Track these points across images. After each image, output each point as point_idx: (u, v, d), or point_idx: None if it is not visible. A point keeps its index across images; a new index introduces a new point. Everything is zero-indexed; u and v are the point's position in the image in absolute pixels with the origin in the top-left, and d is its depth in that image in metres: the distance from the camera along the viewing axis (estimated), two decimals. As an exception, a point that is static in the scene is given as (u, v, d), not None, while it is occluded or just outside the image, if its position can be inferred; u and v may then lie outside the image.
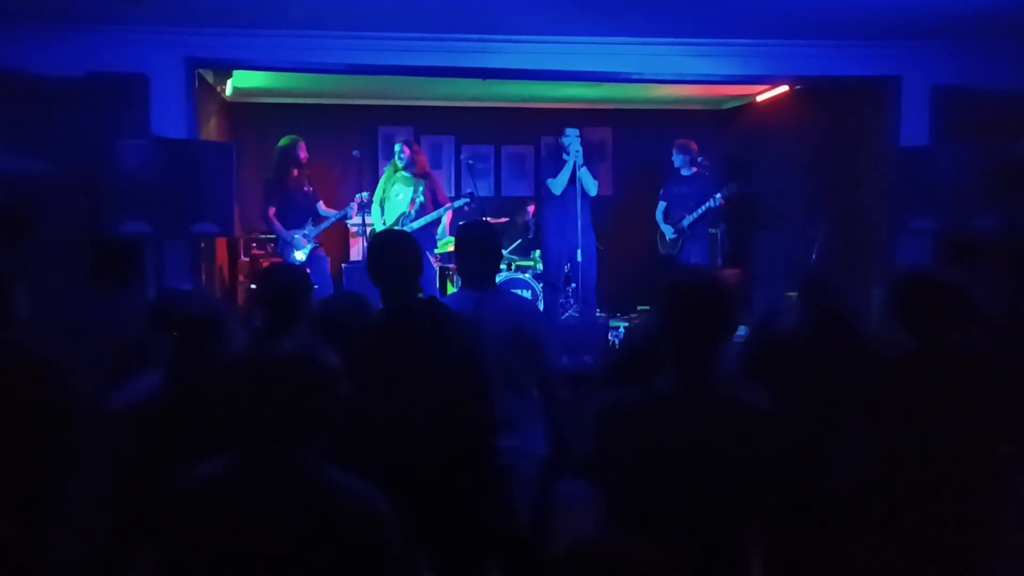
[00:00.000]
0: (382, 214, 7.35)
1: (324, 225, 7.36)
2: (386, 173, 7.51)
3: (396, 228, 7.07)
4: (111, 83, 5.62)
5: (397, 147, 7.45)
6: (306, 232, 7.24)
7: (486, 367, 3.16)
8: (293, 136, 7.37)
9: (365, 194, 7.38)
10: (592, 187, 7.15)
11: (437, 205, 7.33)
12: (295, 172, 7.31)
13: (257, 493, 1.95)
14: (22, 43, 5.49)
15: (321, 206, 7.47)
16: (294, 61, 6.05)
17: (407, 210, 7.30)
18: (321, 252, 7.42)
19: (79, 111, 5.52)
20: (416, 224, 7.15)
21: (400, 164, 7.34)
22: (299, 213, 7.28)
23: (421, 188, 7.33)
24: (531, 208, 8.53)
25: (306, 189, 7.37)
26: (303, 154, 7.31)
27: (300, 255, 7.25)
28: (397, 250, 3.22)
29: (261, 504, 1.94)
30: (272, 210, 7.25)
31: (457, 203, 7.39)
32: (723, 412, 2.32)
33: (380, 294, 3.23)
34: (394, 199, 7.35)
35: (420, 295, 3.27)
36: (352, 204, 7.34)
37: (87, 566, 2.95)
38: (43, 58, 5.52)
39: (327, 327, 2.95)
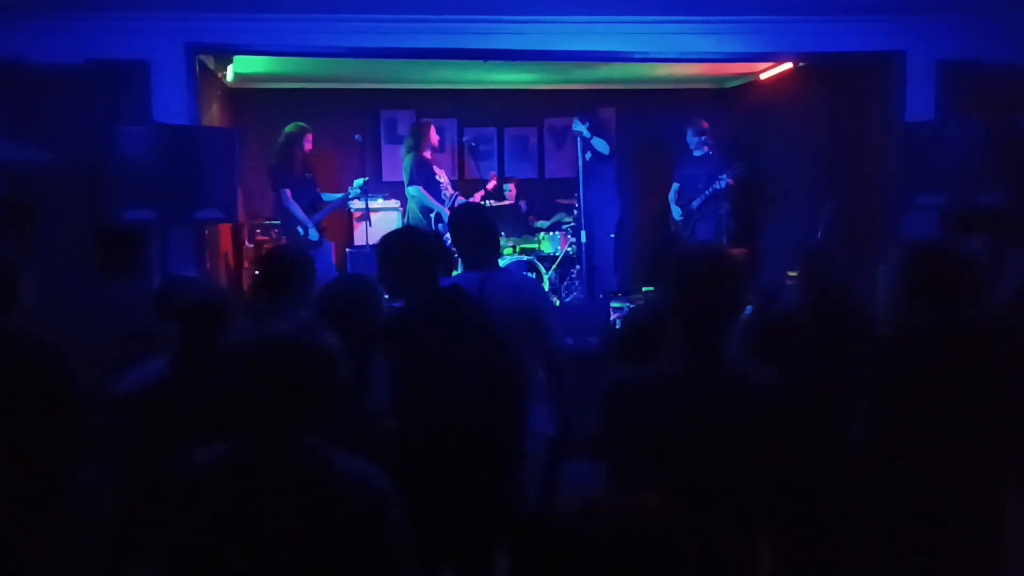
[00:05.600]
0: (436, 198, 7.38)
1: (326, 211, 7.34)
2: (414, 154, 7.49)
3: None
4: (112, 70, 5.60)
5: (432, 132, 7.55)
6: (313, 219, 7.23)
7: (514, 351, 3.18)
8: (301, 124, 7.32)
9: (365, 179, 7.39)
10: (603, 147, 7.28)
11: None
12: (299, 159, 7.30)
13: (261, 475, 1.96)
14: (22, 32, 5.48)
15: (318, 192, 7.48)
16: (295, 45, 6.03)
17: (453, 192, 7.43)
18: (325, 239, 7.42)
19: (80, 99, 5.51)
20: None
21: (427, 147, 7.44)
22: (303, 200, 7.27)
23: (444, 171, 7.66)
24: (511, 188, 8.52)
25: (307, 176, 7.36)
26: (308, 145, 7.29)
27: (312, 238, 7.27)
28: (415, 248, 3.20)
29: (265, 486, 1.95)
30: (289, 192, 7.14)
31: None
32: (731, 390, 2.31)
33: (398, 289, 3.21)
34: (439, 182, 7.43)
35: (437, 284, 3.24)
36: (353, 188, 7.32)
37: (96, 550, 2.97)
38: (43, 46, 5.50)
39: (333, 311, 2.95)
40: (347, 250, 8.06)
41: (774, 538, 2.69)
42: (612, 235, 7.51)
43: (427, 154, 7.53)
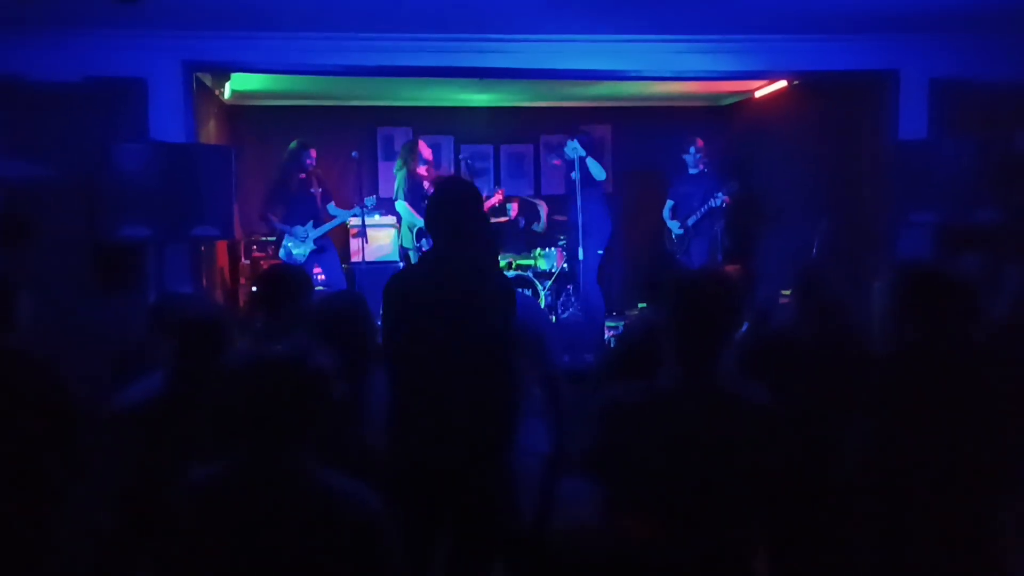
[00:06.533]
0: (413, 212, 7.47)
1: (325, 228, 7.35)
2: (405, 171, 7.58)
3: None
4: (109, 87, 5.62)
5: (421, 147, 7.63)
6: (306, 233, 7.25)
7: (508, 366, 3.19)
8: (304, 140, 7.40)
9: (373, 199, 7.45)
10: (597, 171, 7.29)
11: None
12: (302, 175, 7.33)
13: (253, 494, 1.96)
14: (19, 49, 5.49)
15: (333, 206, 7.48)
16: (292, 63, 6.05)
17: None
18: (330, 250, 7.42)
19: (77, 116, 5.52)
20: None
21: (419, 162, 7.53)
22: (302, 214, 7.31)
23: None
24: (514, 206, 8.56)
25: (312, 191, 7.38)
26: (309, 160, 7.35)
27: (299, 254, 7.29)
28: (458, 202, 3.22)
29: (257, 505, 1.95)
30: (273, 215, 7.33)
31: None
32: (726, 407, 2.32)
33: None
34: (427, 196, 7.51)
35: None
36: (359, 207, 7.38)
37: (91, 567, 2.96)
38: (40, 63, 5.51)
39: (325, 329, 2.96)
40: (343, 266, 8.07)
41: (769, 556, 2.69)
42: (600, 251, 7.52)
43: (421, 170, 7.60)
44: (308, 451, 2.00)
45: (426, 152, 7.65)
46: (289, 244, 7.32)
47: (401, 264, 7.93)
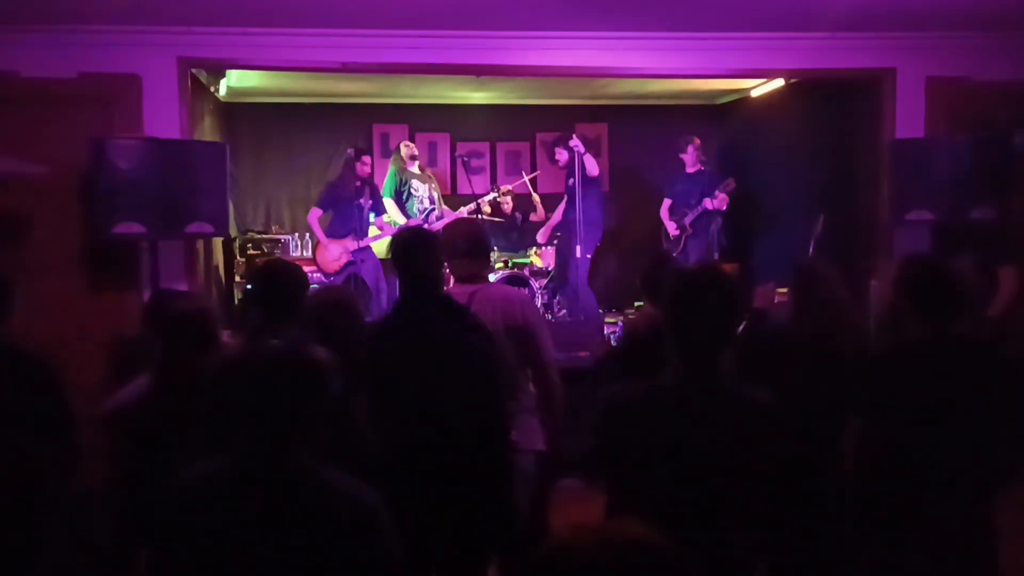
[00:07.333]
0: (402, 210, 7.59)
1: (360, 244, 7.30)
2: (395, 169, 7.73)
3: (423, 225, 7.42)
4: (103, 83, 5.60)
5: (403, 146, 7.76)
6: (344, 245, 7.26)
7: (500, 366, 3.18)
8: (359, 147, 7.48)
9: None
10: (592, 167, 7.42)
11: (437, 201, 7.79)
12: (357, 184, 7.31)
13: (251, 491, 1.94)
14: (12, 44, 5.46)
15: (381, 220, 7.47)
16: (287, 60, 6.03)
17: (429, 206, 7.65)
18: (370, 260, 7.38)
19: (72, 112, 5.50)
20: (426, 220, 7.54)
21: (408, 160, 7.64)
22: (346, 224, 7.33)
23: (434, 183, 7.83)
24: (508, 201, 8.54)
25: (361, 202, 7.32)
26: (362, 168, 7.33)
27: (335, 263, 7.30)
28: (423, 248, 3.23)
29: (256, 502, 1.93)
30: (318, 213, 7.35)
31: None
32: (728, 406, 2.31)
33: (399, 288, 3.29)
34: (414, 195, 7.63)
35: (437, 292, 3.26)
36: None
37: (87, 568, 2.94)
38: (35, 59, 5.49)
39: (315, 324, 2.94)
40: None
41: (769, 554, 2.69)
42: (589, 255, 7.55)
43: (411, 167, 7.69)
44: (306, 447, 1.99)
45: (411, 151, 7.74)
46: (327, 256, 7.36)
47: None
